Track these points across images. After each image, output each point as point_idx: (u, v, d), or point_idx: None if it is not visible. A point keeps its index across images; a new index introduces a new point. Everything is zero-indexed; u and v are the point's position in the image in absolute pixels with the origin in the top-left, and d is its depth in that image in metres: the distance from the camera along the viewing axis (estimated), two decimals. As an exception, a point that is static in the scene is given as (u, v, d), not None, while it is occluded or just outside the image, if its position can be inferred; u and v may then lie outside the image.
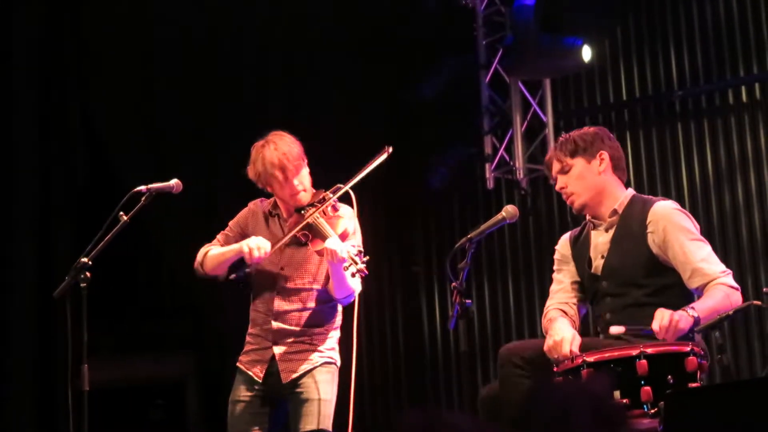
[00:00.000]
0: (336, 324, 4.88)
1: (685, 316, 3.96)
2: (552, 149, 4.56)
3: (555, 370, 3.96)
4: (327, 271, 4.76)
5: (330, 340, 4.82)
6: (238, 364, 4.86)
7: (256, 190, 4.92)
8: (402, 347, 8.08)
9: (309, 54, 7.86)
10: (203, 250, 4.88)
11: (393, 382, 8.04)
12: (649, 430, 3.71)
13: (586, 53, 7.46)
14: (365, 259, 4.53)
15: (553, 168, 4.49)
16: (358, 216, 4.87)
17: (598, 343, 4.18)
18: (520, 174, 7.74)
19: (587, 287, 4.41)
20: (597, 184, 4.41)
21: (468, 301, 4.14)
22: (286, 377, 4.73)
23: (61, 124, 7.73)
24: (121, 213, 4.48)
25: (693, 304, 4.07)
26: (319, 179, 4.92)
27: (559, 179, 4.46)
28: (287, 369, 4.73)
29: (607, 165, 4.42)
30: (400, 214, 8.10)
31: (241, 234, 4.89)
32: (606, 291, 4.32)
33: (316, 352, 4.77)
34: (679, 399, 3.48)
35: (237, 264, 4.79)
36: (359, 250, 4.58)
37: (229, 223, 4.97)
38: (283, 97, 7.96)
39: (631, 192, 4.47)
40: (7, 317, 7.35)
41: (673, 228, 4.25)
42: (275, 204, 4.90)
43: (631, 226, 4.32)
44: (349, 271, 4.53)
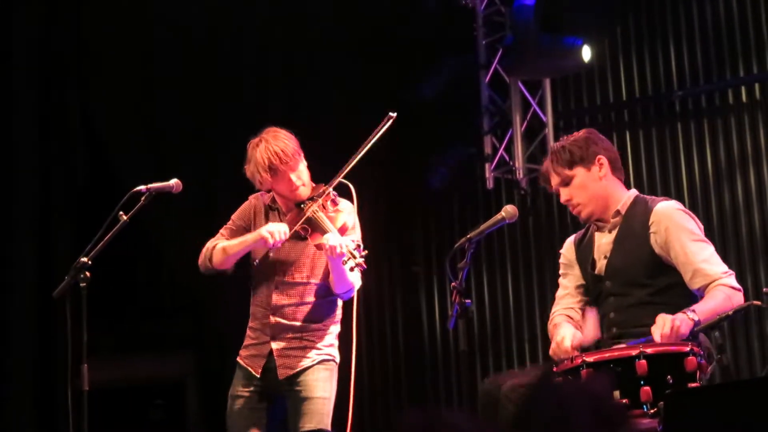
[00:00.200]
0: (336, 319, 4.86)
1: (686, 320, 3.95)
2: (547, 161, 4.49)
3: (554, 370, 3.97)
4: (326, 266, 4.76)
5: (329, 336, 4.81)
6: (238, 359, 4.85)
7: (256, 188, 4.92)
8: (402, 347, 8.07)
9: (309, 54, 7.86)
10: (210, 245, 4.86)
11: (393, 382, 8.03)
12: (649, 430, 3.71)
13: (586, 53, 7.46)
14: (364, 253, 4.53)
15: (553, 181, 4.45)
16: (358, 214, 4.86)
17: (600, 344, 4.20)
18: (520, 174, 7.74)
19: (591, 288, 4.41)
20: (600, 191, 4.39)
21: (467, 300, 4.14)
22: (283, 374, 4.72)
23: (61, 124, 7.72)
24: (120, 213, 4.48)
25: (694, 306, 4.05)
26: (319, 179, 4.91)
27: (562, 192, 4.43)
28: (284, 365, 4.72)
29: (606, 169, 4.40)
30: (400, 213, 8.09)
31: (244, 227, 4.87)
32: (609, 291, 4.32)
33: (315, 349, 4.75)
34: (679, 399, 3.47)
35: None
36: (357, 244, 4.58)
37: (232, 217, 4.95)
38: (283, 97, 7.95)
39: (634, 192, 4.46)
40: (7, 317, 7.34)
41: (676, 228, 4.24)
42: (274, 198, 4.89)
43: (634, 227, 4.32)
44: (348, 266, 4.53)
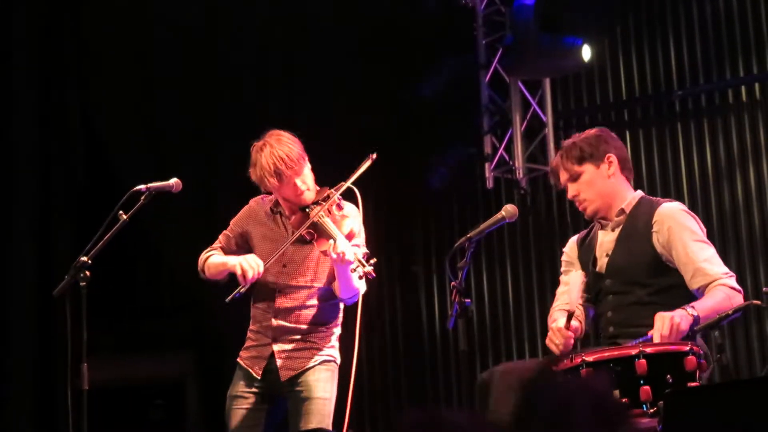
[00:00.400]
0: (338, 321, 4.85)
1: (685, 316, 3.95)
2: (557, 157, 4.51)
3: (554, 369, 3.96)
4: (330, 270, 4.73)
5: (331, 338, 4.80)
6: (239, 360, 4.85)
7: (256, 189, 4.89)
8: (402, 346, 8.08)
9: (309, 54, 7.86)
10: (203, 256, 4.86)
11: (392, 382, 8.03)
12: (648, 429, 3.71)
13: (586, 53, 7.46)
14: (372, 261, 4.51)
15: (561, 176, 4.46)
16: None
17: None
18: (520, 173, 7.75)
19: (591, 285, 4.41)
20: (608, 188, 4.40)
21: (467, 300, 4.14)
22: (285, 375, 4.71)
23: (61, 124, 7.73)
24: (120, 212, 4.47)
25: (693, 303, 4.05)
26: (320, 180, 4.90)
27: (570, 187, 4.44)
28: (286, 367, 4.71)
29: (615, 167, 4.41)
30: (400, 213, 8.09)
31: (241, 234, 4.87)
32: (609, 289, 4.32)
33: (316, 350, 4.74)
34: (679, 398, 3.47)
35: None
36: (365, 252, 4.57)
37: (230, 222, 4.94)
38: (283, 97, 7.96)
39: (639, 193, 4.46)
40: (7, 317, 7.35)
41: (678, 228, 4.24)
42: (277, 202, 4.85)
43: (637, 226, 4.32)
44: (357, 273, 4.49)
